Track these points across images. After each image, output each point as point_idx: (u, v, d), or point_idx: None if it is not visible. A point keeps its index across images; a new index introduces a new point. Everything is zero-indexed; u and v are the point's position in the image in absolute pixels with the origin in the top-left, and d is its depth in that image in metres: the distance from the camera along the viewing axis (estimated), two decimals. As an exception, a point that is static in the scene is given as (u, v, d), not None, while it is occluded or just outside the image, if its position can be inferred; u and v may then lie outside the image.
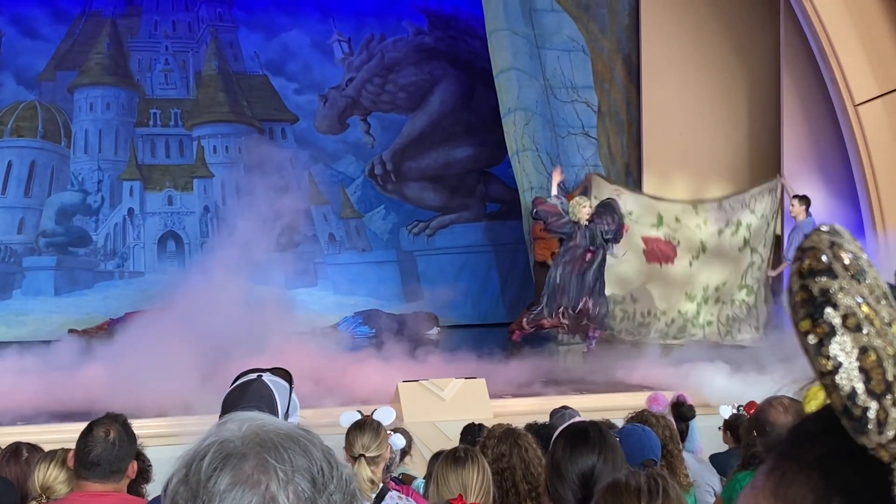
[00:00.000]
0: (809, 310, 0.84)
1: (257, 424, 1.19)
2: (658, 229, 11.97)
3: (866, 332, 0.81)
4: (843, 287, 0.83)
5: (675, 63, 12.73)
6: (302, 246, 13.55)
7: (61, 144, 13.44)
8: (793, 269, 0.83)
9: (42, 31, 13.48)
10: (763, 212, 11.82)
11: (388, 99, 14.45)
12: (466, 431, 5.48)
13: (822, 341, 0.84)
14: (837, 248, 0.85)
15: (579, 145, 13.11)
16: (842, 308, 0.83)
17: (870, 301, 0.83)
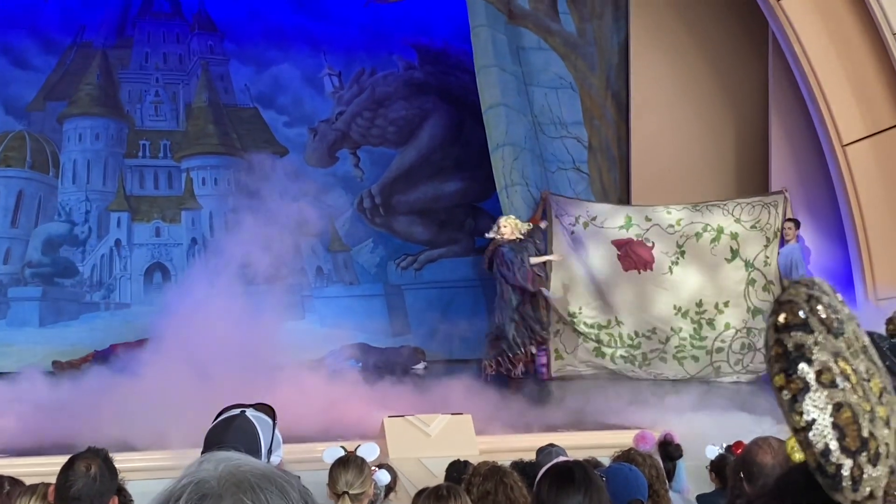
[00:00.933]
0: (783, 365, 0.83)
1: (234, 464, 1.17)
2: (628, 230, 11.59)
3: (842, 387, 0.80)
4: (818, 342, 0.82)
5: (664, 101, 12.81)
6: (290, 279, 13.49)
7: (49, 175, 13.41)
8: (769, 322, 0.82)
9: (32, 61, 13.49)
10: (755, 224, 11.39)
11: (377, 133, 14.48)
12: (452, 468, 5.43)
13: (796, 398, 0.83)
14: (815, 301, 0.84)
15: (570, 180, 13.15)
16: (816, 364, 0.81)
17: (847, 356, 0.82)
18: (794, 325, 0.83)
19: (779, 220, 11.32)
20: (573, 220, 11.69)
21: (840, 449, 0.80)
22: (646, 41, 12.90)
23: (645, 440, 5.96)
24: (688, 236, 11.41)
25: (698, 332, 11.37)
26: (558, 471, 3.03)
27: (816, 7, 10.57)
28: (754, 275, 11.35)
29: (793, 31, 10.56)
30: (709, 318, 11.36)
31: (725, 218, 11.41)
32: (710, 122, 12.90)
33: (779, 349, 0.83)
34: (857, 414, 0.80)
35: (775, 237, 11.31)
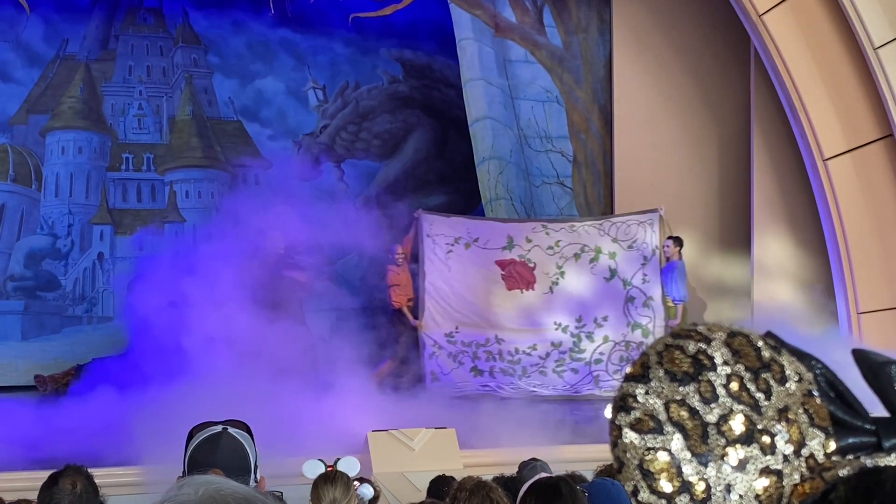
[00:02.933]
0: (613, 415, 0.88)
1: (214, 488, 1.16)
2: (510, 251, 11.78)
3: (665, 432, 0.83)
4: (650, 390, 0.86)
5: (647, 115, 12.86)
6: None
7: (32, 188, 13.35)
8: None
9: (15, 74, 13.44)
10: (632, 243, 11.70)
11: (362, 146, 14.48)
12: (435, 483, 5.42)
13: (615, 442, 0.87)
14: (673, 350, 0.87)
15: (554, 194, 13.18)
16: (638, 411, 0.85)
17: (692, 401, 0.85)
18: (632, 376, 0.89)
19: (655, 238, 11.68)
20: (452, 241, 11.73)
21: (649, 490, 0.84)
22: (629, 56, 12.95)
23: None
24: (567, 257, 11.71)
25: (577, 344, 11.66)
26: (544, 486, 3.04)
27: (798, 22, 10.64)
28: (633, 292, 11.67)
29: (774, 46, 10.63)
30: (588, 331, 11.65)
31: (602, 238, 11.74)
32: (694, 137, 12.96)
33: (617, 397, 0.91)
34: (676, 458, 0.84)
35: (653, 254, 11.67)
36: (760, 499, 0.81)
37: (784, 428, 0.84)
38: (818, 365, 0.90)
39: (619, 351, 11.63)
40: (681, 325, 0.90)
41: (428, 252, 11.63)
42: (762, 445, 0.83)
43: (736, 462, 0.82)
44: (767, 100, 11.64)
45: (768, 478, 0.82)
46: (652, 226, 11.73)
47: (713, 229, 12.94)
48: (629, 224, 11.80)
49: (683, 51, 12.86)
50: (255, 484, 2.82)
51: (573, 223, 11.99)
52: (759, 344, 0.88)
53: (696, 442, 0.84)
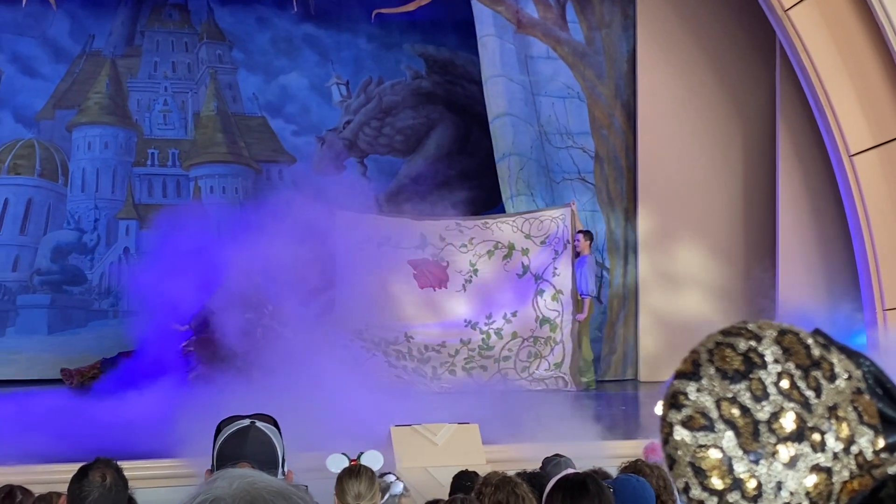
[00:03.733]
0: (664, 411, 0.88)
1: (248, 482, 1.18)
2: (423, 250, 11.75)
3: (717, 430, 0.84)
4: (701, 388, 0.87)
5: (671, 111, 12.82)
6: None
7: (58, 183, 13.46)
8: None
9: (42, 69, 13.54)
10: (544, 239, 11.72)
11: (384, 142, 14.51)
12: (459, 479, 5.43)
13: (667, 439, 0.88)
14: (723, 347, 0.88)
15: (575, 190, 13.16)
16: (689, 408, 0.86)
17: (743, 399, 0.86)
18: (683, 374, 0.90)
19: (567, 233, 11.71)
20: (364, 239, 11.68)
21: (700, 487, 0.85)
22: (653, 51, 12.91)
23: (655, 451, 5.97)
24: (480, 255, 11.69)
25: (486, 341, 11.63)
26: (571, 483, 3.05)
27: (824, 17, 10.57)
28: (543, 286, 11.67)
29: (800, 41, 10.57)
30: (497, 328, 11.63)
31: (516, 234, 11.75)
32: (718, 132, 12.91)
33: (668, 395, 0.91)
34: (728, 456, 0.85)
35: (565, 249, 11.69)
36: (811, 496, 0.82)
37: (834, 425, 0.85)
38: (866, 362, 0.91)
39: (527, 347, 11.63)
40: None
41: (340, 250, 11.56)
42: (812, 443, 0.84)
43: (787, 459, 0.83)
44: (793, 95, 11.59)
45: (818, 475, 0.83)
46: (564, 220, 11.79)
47: (737, 225, 12.89)
48: (542, 220, 11.85)
49: (708, 46, 12.81)
50: (283, 477, 2.85)
51: (487, 220, 12.00)
52: (808, 342, 0.89)
53: (748, 439, 0.85)
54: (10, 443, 8.13)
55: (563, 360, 11.62)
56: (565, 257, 11.75)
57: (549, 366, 11.57)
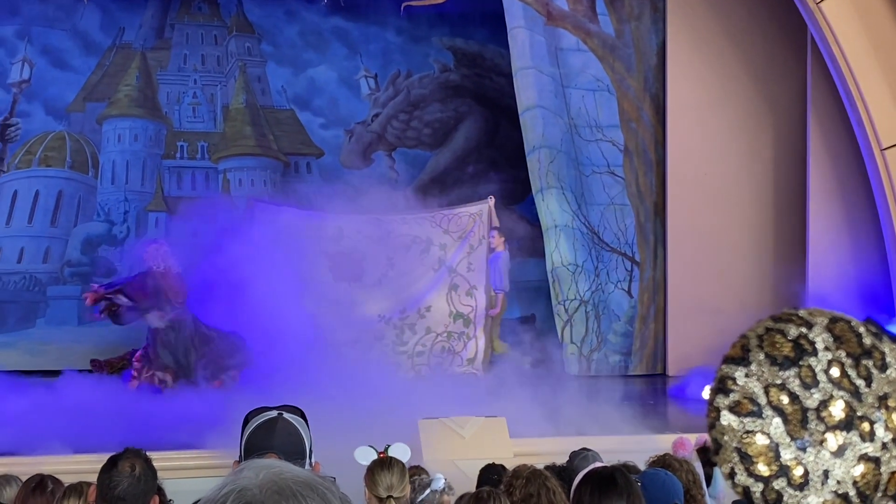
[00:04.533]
0: (712, 395, 0.87)
1: (275, 472, 1.18)
2: (339, 242, 11.68)
3: (764, 416, 0.83)
4: (750, 373, 0.85)
5: (701, 104, 12.74)
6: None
7: (89, 175, 13.55)
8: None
9: (72, 62, 13.63)
10: (462, 234, 11.68)
11: (412, 135, 14.50)
12: (486, 471, 5.43)
13: (714, 424, 0.87)
14: (773, 333, 0.87)
15: (605, 184, 13.11)
16: (737, 394, 0.85)
17: (793, 386, 0.84)
18: (732, 359, 0.89)
19: (483, 228, 11.68)
20: (281, 232, 11.50)
21: (746, 473, 0.84)
22: (683, 43, 12.83)
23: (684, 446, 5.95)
24: (397, 249, 11.64)
25: (400, 337, 11.57)
26: (600, 476, 3.04)
27: (856, 10, 10.47)
28: (458, 280, 11.63)
29: (832, 34, 10.47)
30: (410, 323, 11.59)
31: (434, 229, 11.72)
32: (748, 126, 12.81)
33: (716, 380, 0.90)
34: (775, 442, 0.83)
35: (479, 244, 11.66)
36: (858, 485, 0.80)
37: (883, 415, 0.83)
38: None
39: (440, 342, 11.58)
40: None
41: (257, 241, 11.49)
42: (861, 432, 0.82)
43: (835, 448, 0.82)
44: (824, 89, 11.48)
45: (866, 465, 0.82)
46: (481, 216, 11.76)
47: (768, 220, 12.80)
48: (460, 215, 11.82)
49: (738, 39, 12.71)
50: (310, 468, 2.85)
51: (405, 215, 11.95)
52: (860, 330, 0.87)
53: (796, 427, 0.84)
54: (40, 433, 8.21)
55: (475, 356, 11.60)
56: (480, 253, 11.72)
57: (463, 361, 11.54)
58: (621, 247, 13.18)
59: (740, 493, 0.84)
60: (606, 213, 13.04)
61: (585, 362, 12.85)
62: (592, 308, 12.97)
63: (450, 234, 11.74)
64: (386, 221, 11.81)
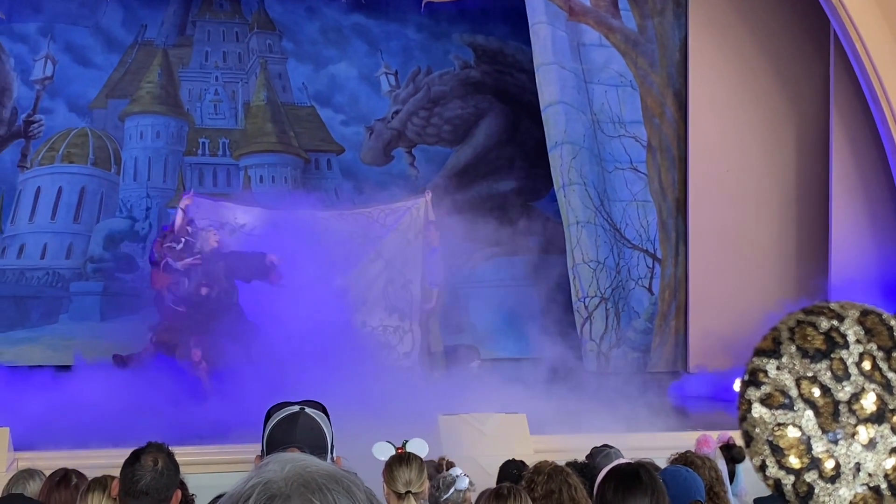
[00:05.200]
0: (742, 387, 0.86)
1: (300, 465, 1.18)
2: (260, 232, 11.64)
3: (796, 409, 0.82)
4: (781, 366, 0.85)
5: (723, 100, 12.68)
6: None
7: (111, 171, 13.62)
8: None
9: (95, 59, 13.71)
10: (399, 227, 11.69)
11: (433, 131, 14.51)
12: (506, 467, 5.42)
13: (745, 416, 0.86)
14: (805, 326, 0.86)
15: (627, 180, 13.07)
16: (768, 386, 0.84)
17: (824, 378, 0.84)
18: (763, 351, 0.88)
19: (420, 222, 11.71)
20: (218, 226, 11.50)
21: (778, 465, 0.84)
22: (705, 39, 12.77)
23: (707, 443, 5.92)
24: (332, 243, 11.55)
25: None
26: (624, 473, 3.03)
27: (878, 4, 10.40)
28: (393, 274, 11.68)
29: (854, 30, 10.41)
30: (347, 317, 11.48)
31: (371, 224, 11.75)
32: (771, 121, 12.75)
33: (747, 372, 0.89)
34: (807, 435, 0.83)
35: (416, 238, 11.70)
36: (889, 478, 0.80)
37: None
38: None
39: (377, 336, 11.59)
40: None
41: (190, 236, 11.44)
42: (893, 425, 0.82)
43: (866, 441, 0.81)
44: (847, 83, 11.41)
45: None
46: (418, 210, 11.78)
47: (790, 216, 12.74)
48: (398, 211, 11.84)
49: (760, 35, 12.65)
50: (332, 463, 2.86)
51: (343, 211, 12.01)
52: (892, 323, 0.87)
53: (827, 419, 0.84)
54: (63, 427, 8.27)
55: (412, 350, 11.60)
56: (416, 247, 11.74)
57: (399, 355, 11.54)
58: (643, 243, 13.14)
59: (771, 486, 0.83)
60: (629, 209, 13.00)
61: (605, 359, 12.83)
62: (612, 305, 12.95)
63: (386, 228, 11.76)
64: (323, 217, 11.83)
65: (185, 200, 11.36)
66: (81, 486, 3.87)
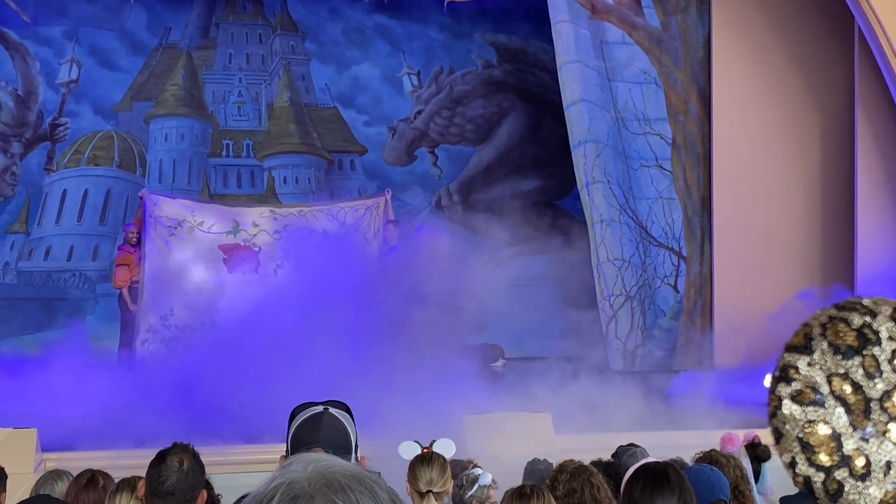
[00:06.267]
0: (773, 384, 0.86)
1: (323, 465, 1.19)
2: (235, 235, 11.65)
3: (826, 406, 0.81)
4: (812, 362, 0.84)
5: (747, 96, 12.62)
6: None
7: (136, 174, 13.72)
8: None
9: (119, 62, 13.81)
10: (359, 227, 11.69)
11: (455, 131, 14.52)
12: (531, 466, 5.42)
13: (775, 413, 0.85)
14: (837, 322, 0.85)
15: (652, 177, 13.01)
16: (799, 382, 0.83)
17: (856, 375, 0.83)
18: (794, 347, 0.87)
19: (379, 221, 11.71)
20: (176, 224, 11.50)
21: (808, 463, 0.83)
22: (728, 36, 12.71)
23: (732, 441, 5.90)
24: (294, 242, 11.57)
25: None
26: (651, 472, 3.02)
27: (905, 0, 10.32)
28: (353, 272, 11.52)
29: (879, 25, 10.33)
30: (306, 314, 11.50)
31: (330, 222, 11.70)
32: (795, 118, 12.67)
33: (778, 368, 0.88)
34: (838, 432, 0.82)
35: (375, 237, 11.69)
36: None
37: None
38: None
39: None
40: (847, 301, 0.88)
41: (150, 233, 11.43)
42: None
43: None
44: (872, 80, 11.32)
45: None
46: (377, 209, 11.78)
47: (815, 213, 12.65)
48: (357, 209, 11.83)
49: (785, 31, 12.58)
50: (356, 463, 2.86)
51: (302, 208, 12.00)
52: None
53: (858, 417, 0.83)
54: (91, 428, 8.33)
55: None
56: (375, 246, 11.74)
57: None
58: (668, 241, 13.09)
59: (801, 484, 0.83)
60: (654, 207, 12.95)
61: (630, 358, 12.79)
62: (638, 303, 12.90)
63: (346, 226, 11.76)
64: (282, 215, 11.86)
65: (142, 192, 11.70)
66: (108, 487, 3.89)
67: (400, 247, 11.77)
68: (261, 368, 9.08)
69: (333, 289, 11.33)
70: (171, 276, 11.37)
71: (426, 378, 9.24)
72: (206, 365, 9.63)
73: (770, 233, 12.48)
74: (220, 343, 10.23)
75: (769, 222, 12.48)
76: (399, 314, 11.20)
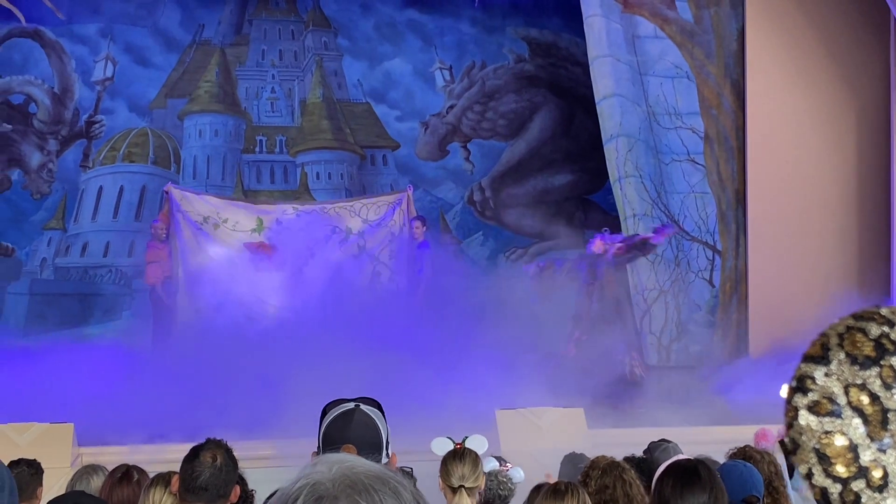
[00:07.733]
0: (790, 395, 0.85)
1: (347, 466, 1.20)
2: (259, 233, 11.72)
3: (843, 417, 0.81)
4: (830, 372, 0.83)
5: (781, 90, 12.51)
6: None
7: (171, 170, 13.82)
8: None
9: (154, 59, 13.91)
10: (381, 222, 11.71)
11: (487, 126, 14.50)
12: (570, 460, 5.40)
13: (791, 423, 0.85)
14: (855, 332, 0.84)
15: (685, 171, 12.94)
16: (816, 393, 0.83)
17: (874, 386, 0.82)
18: (811, 357, 0.86)
19: (403, 216, 11.80)
20: (201, 220, 11.60)
21: (824, 474, 0.82)
22: (762, 29, 12.60)
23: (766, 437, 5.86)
24: (317, 239, 11.64)
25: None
26: (683, 469, 3.01)
27: (943, -10, 10.19)
28: (379, 268, 11.68)
29: (918, 15, 10.21)
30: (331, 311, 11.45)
31: (353, 219, 11.80)
32: (830, 110, 12.55)
33: (795, 378, 0.87)
34: (855, 444, 0.81)
35: (400, 232, 11.77)
36: None
37: None
38: None
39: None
40: (865, 309, 0.88)
41: (179, 228, 11.53)
42: None
43: None
44: (909, 72, 11.19)
45: None
46: (399, 205, 11.88)
47: (851, 206, 12.53)
48: (379, 205, 11.94)
49: (819, 23, 12.45)
50: (387, 460, 2.87)
51: (325, 205, 12.06)
52: None
53: (876, 427, 0.82)
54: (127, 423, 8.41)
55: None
56: (401, 242, 11.79)
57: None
58: (702, 235, 13.00)
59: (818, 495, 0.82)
60: (686, 201, 12.87)
61: (665, 352, 12.73)
62: (673, 298, 12.83)
63: (369, 222, 11.82)
64: (305, 212, 11.91)
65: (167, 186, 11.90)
66: (143, 482, 3.92)
67: (428, 242, 11.82)
68: (293, 363, 9.14)
69: (360, 285, 11.41)
70: (201, 271, 11.48)
71: (456, 373, 9.26)
72: (239, 360, 9.70)
73: (805, 226, 12.37)
74: (252, 339, 10.32)
75: (805, 215, 12.38)
76: (428, 310, 11.24)
